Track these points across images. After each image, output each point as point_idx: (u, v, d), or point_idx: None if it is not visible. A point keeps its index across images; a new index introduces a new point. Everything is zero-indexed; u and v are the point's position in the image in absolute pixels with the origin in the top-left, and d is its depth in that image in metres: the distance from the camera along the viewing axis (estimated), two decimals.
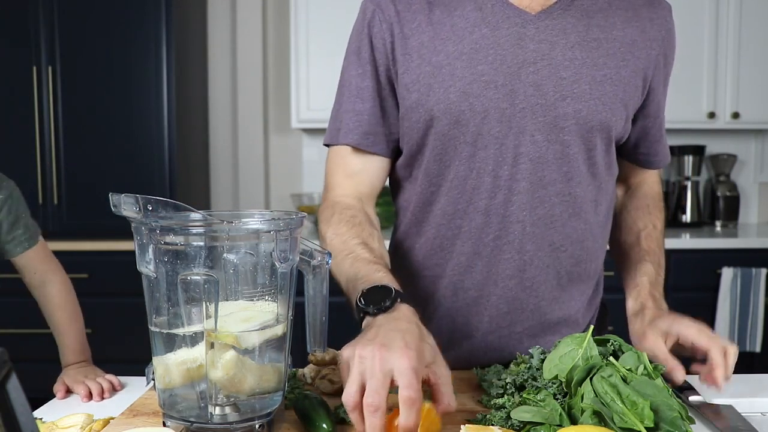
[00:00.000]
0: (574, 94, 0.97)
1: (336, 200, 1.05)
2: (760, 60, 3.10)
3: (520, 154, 0.98)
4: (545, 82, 0.96)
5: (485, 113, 0.97)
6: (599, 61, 0.98)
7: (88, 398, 0.99)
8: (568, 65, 0.97)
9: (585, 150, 1.01)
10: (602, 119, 0.99)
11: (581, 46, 0.98)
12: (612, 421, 0.68)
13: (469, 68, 0.97)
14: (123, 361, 1.83)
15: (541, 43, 0.97)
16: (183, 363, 0.73)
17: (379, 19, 1.01)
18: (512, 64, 0.96)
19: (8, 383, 0.42)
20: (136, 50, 2.89)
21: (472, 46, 0.97)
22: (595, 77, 0.98)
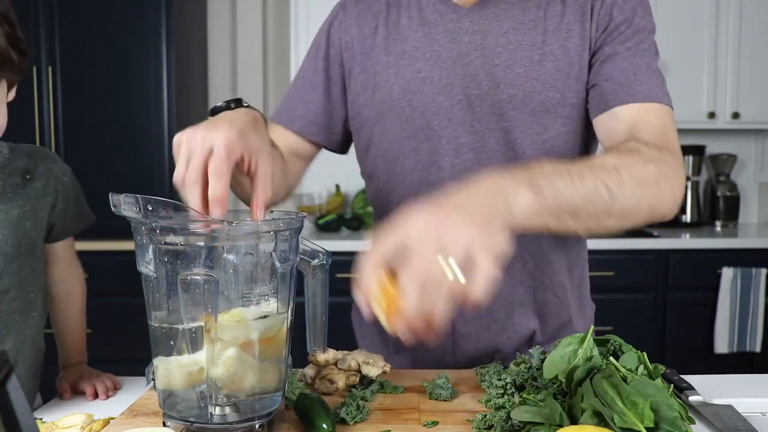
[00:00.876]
0: (507, 79, 0.97)
1: None
2: (760, 60, 3.10)
3: (462, 145, 1.00)
4: (478, 72, 0.98)
5: (423, 108, 1.01)
6: (537, 39, 0.97)
7: (94, 397, 0.99)
8: (500, 51, 0.98)
9: (533, 134, 0.99)
10: (544, 99, 0.97)
11: (516, 29, 0.98)
12: (612, 421, 0.68)
13: (409, 66, 1.01)
14: (123, 361, 1.83)
15: (474, 34, 0.99)
16: (184, 366, 0.73)
17: (341, 19, 1.08)
18: (447, 59, 0.99)
19: (8, 383, 0.43)
20: (136, 50, 2.89)
21: (413, 45, 1.01)
22: (532, 57, 0.97)
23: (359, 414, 0.82)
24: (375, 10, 1.06)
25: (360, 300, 0.65)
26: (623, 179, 0.77)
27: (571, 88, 0.98)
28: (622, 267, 2.85)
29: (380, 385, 0.94)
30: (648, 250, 2.87)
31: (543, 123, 0.99)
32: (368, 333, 1.22)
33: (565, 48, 0.97)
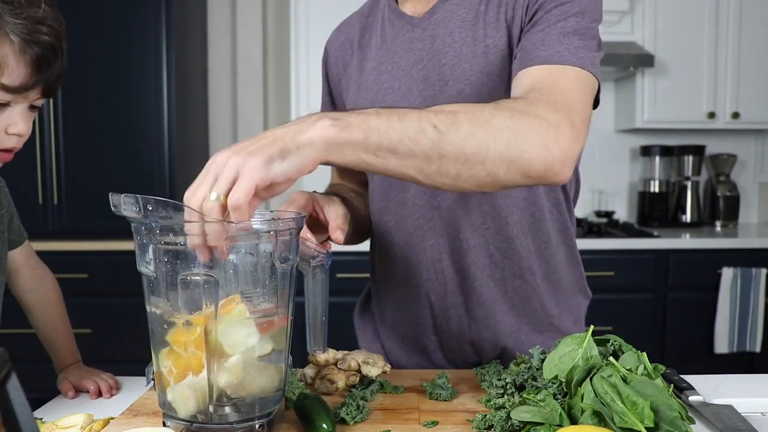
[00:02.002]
0: (454, 76, 0.99)
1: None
2: (760, 60, 3.10)
3: None
4: (431, 74, 1.01)
5: None
6: (479, 33, 0.98)
7: (97, 395, 0.99)
8: (447, 51, 1.00)
9: None
10: (490, 90, 0.97)
11: (460, 28, 0.99)
12: (612, 421, 0.68)
13: (375, 81, 1.07)
14: (123, 361, 1.83)
15: (425, 40, 1.02)
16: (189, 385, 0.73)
17: (329, 54, 1.16)
18: (405, 67, 1.04)
19: (8, 383, 0.43)
20: (136, 50, 2.89)
21: (378, 61, 1.07)
22: (476, 52, 0.98)
23: (359, 414, 0.82)
24: (351, 38, 1.13)
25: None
26: (458, 121, 0.74)
27: (512, 77, 0.96)
28: (622, 267, 2.85)
29: (380, 385, 0.94)
30: (648, 250, 2.87)
31: None
32: (369, 331, 1.21)
33: (506, 38, 0.96)
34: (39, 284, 1.08)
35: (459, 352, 1.11)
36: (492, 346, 1.09)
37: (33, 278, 1.08)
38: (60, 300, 1.11)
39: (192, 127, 3.21)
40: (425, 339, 1.12)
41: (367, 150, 0.71)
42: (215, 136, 3.46)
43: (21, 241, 1.07)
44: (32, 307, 1.08)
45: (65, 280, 2.95)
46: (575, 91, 0.85)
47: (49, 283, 1.10)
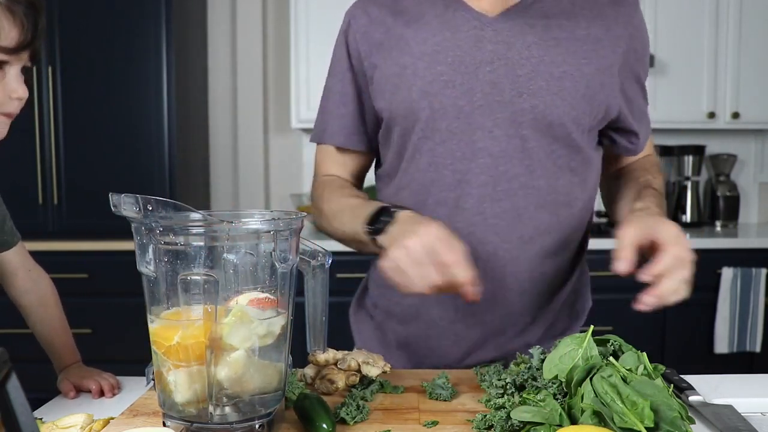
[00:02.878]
0: (530, 90, 1.00)
1: (324, 179, 1.17)
2: (760, 60, 3.10)
3: (479, 149, 1.02)
4: (502, 80, 1.00)
5: (443, 111, 1.02)
6: (558, 58, 1.00)
7: (99, 395, 0.99)
8: (524, 63, 1.00)
9: (547, 144, 1.02)
10: (560, 114, 1.01)
11: (539, 45, 1.01)
12: (612, 421, 0.68)
13: (429, 69, 1.02)
14: (123, 361, 1.83)
15: (498, 44, 1.01)
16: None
17: (354, 28, 1.10)
18: (470, 64, 1.01)
19: (8, 383, 0.43)
20: (136, 50, 2.89)
21: (433, 48, 1.02)
22: (553, 74, 1.00)
23: (359, 414, 0.82)
24: (384, 13, 1.07)
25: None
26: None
27: (582, 107, 1.02)
28: None
29: (380, 385, 0.94)
30: None
31: (555, 135, 1.02)
32: (367, 329, 1.21)
33: (582, 72, 1.01)
34: (35, 285, 1.08)
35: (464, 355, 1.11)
36: (493, 350, 1.10)
37: (29, 280, 1.07)
38: (57, 300, 1.10)
39: (192, 127, 3.21)
40: (434, 333, 1.12)
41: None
42: (215, 136, 3.46)
43: (14, 242, 1.06)
44: (30, 309, 1.07)
45: (65, 280, 2.95)
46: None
47: (45, 284, 1.09)
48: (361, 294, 1.25)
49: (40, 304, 1.08)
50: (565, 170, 1.05)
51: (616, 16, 1.05)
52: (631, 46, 1.05)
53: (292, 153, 3.48)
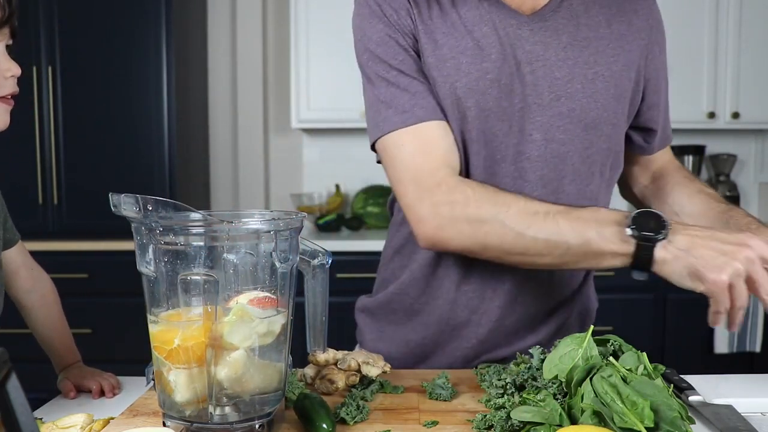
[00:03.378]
0: (567, 93, 0.99)
1: (452, 176, 0.95)
2: (760, 60, 3.10)
3: (520, 153, 1.00)
4: (541, 82, 0.98)
5: (489, 111, 0.98)
6: (590, 59, 1.00)
7: (100, 394, 0.99)
8: (561, 65, 0.99)
9: (581, 148, 1.02)
10: (595, 116, 1.00)
11: (573, 46, 0.99)
12: (612, 421, 0.68)
13: (474, 64, 0.96)
14: (123, 361, 1.83)
15: (535, 44, 0.98)
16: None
17: (394, 7, 0.98)
18: (512, 64, 0.97)
19: (8, 383, 0.43)
20: (136, 50, 2.89)
21: (475, 43, 0.97)
22: (587, 75, 0.99)
23: (359, 414, 0.82)
24: (418, 1, 0.98)
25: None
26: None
27: (613, 108, 1.02)
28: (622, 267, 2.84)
29: (380, 385, 0.94)
30: None
31: (590, 138, 1.01)
32: (375, 329, 1.20)
33: (611, 71, 1.01)
34: (37, 284, 1.08)
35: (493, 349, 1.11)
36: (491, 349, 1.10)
37: (31, 278, 1.07)
38: (58, 300, 1.10)
39: (192, 127, 3.21)
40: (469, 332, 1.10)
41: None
42: (215, 136, 3.46)
43: (15, 240, 1.06)
44: (32, 308, 1.07)
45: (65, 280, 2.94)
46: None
47: (46, 283, 1.09)
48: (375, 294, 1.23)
49: (41, 304, 1.08)
50: (596, 175, 1.04)
51: (636, 9, 1.04)
52: (653, 38, 1.05)
53: (292, 153, 3.48)
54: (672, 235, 0.83)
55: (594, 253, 0.88)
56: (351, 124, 3.06)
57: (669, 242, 0.83)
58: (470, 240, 0.92)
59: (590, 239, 0.87)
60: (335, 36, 3.00)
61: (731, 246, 0.80)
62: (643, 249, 0.83)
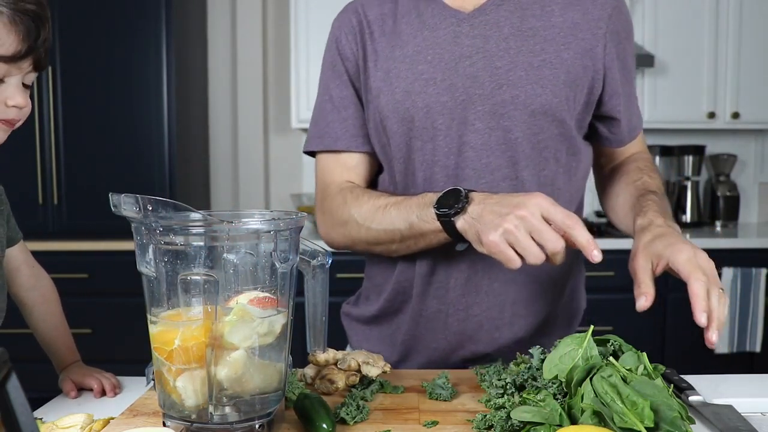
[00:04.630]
0: (510, 81, 1.01)
1: (340, 188, 1.11)
2: (760, 60, 3.10)
3: (464, 144, 1.04)
4: (481, 73, 1.02)
5: (428, 108, 1.04)
6: (536, 47, 1.02)
7: (101, 394, 0.99)
8: (502, 55, 1.02)
9: (531, 134, 1.03)
10: (543, 102, 1.02)
11: (516, 36, 1.02)
12: (612, 421, 0.68)
13: (410, 69, 1.04)
14: (123, 361, 1.83)
15: (475, 38, 1.03)
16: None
17: (345, 32, 1.11)
18: (449, 61, 1.03)
19: (8, 383, 0.43)
20: (136, 50, 2.89)
21: (414, 49, 1.05)
22: (532, 63, 1.01)
23: (359, 414, 0.82)
24: (370, 20, 1.09)
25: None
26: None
27: (565, 94, 1.03)
28: (622, 267, 2.83)
29: (380, 385, 0.94)
30: None
31: (540, 124, 1.03)
32: (360, 331, 1.21)
33: (561, 58, 1.02)
34: (38, 282, 1.08)
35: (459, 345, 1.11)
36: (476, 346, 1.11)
37: (32, 276, 1.08)
38: (58, 299, 1.10)
39: (192, 127, 3.21)
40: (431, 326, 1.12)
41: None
42: (215, 135, 3.46)
43: (18, 239, 1.06)
44: (33, 307, 1.07)
45: (65, 280, 2.94)
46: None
47: (47, 282, 1.10)
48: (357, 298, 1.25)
49: (42, 302, 1.08)
50: (550, 160, 1.05)
51: None
52: (612, 27, 1.05)
53: (292, 153, 3.48)
54: (470, 207, 0.91)
55: (420, 234, 0.99)
56: None
57: (466, 213, 0.91)
58: (345, 239, 1.10)
59: (413, 223, 0.98)
60: None
61: (508, 208, 0.86)
62: (446, 224, 0.93)
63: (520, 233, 0.84)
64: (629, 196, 1.08)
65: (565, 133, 1.05)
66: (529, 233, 0.84)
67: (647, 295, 0.84)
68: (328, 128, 1.12)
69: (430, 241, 0.99)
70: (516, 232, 0.84)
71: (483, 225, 0.87)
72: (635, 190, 1.07)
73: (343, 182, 1.12)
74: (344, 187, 1.11)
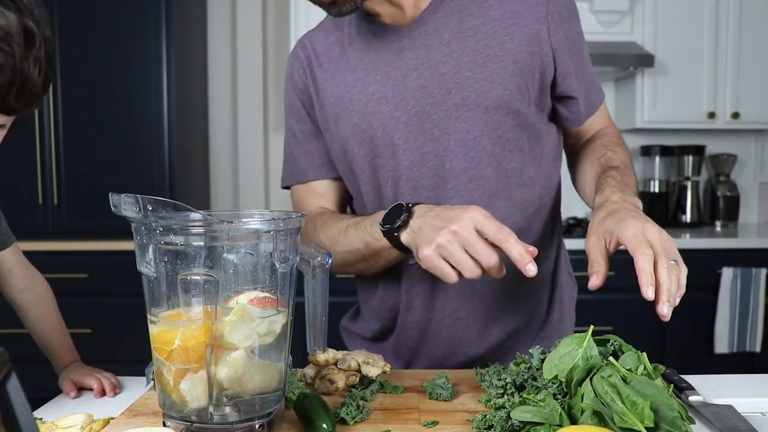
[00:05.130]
0: (457, 84, 1.02)
1: (312, 215, 1.14)
2: (760, 60, 3.10)
3: (426, 153, 1.04)
4: (428, 82, 1.03)
5: (384, 126, 1.05)
6: (479, 45, 1.02)
7: (102, 393, 0.99)
8: (446, 60, 1.02)
9: (489, 130, 1.03)
10: (495, 97, 1.02)
11: (457, 39, 1.02)
12: (612, 421, 0.68)
13: (362, 91, 1.06)
14: (123, 361, 1.83)
15: (418, 50, 1.04)
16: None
17: (296, 68, 1.14)
18: (396, 77, 1.04)
19: (8, 383, 0.43)
20: (136, 50, 2.89)
21: (363, 72, 1.06)
22: (477, 61, 1.01)
23: (359, 414, 0.82)
24: (318, 50, 1.12)
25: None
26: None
27: (516, 83, 1.02)
28: (622, 267, 2.83)
29: (380, 385, 0.94)
30: None
31: (496, 119, 1.03)
32: (362, 345, 1.21)
33: (506, 49, 1.02)
34: (32, 284, 1.07)
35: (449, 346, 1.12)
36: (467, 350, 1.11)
37: (26, 278, 1.07)
38: (53, 299, 1.10)
39: (192, 127, 3.21)
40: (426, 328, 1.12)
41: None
42: (215, 135, 3.46)
43: (9, 243, 1.06)
44: (28, 308, 1.07)
45: (65, 280, 2.95)
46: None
47: (41, 283, 1.09)
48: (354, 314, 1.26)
49: (37, 303, 1.07)
50: (514, 152, 1.05)
51: None
52: (552, 8, 1.04)
53: None
54: (412, 220, 0.92)
55: (376, 252, 1.00)
56: None
57: (408, 227, 0.92)
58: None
59: (368, 242, 1.00)
60: None
61: (444, 222, 0.86)
62: (392, 239, 0.94)
63: (453, 248, 0.84)
64: (593, 174, 1.06)
65: (523, 122, 1.05)
66: (462, 247, 0.84)
67: (599, 273, 0.84)
68: (296, 163, 1.17)
69: (387, 257, 1.01)
70: (449, 247, 0.84)
71: (420, 239, 0.88)
72: (599, 167, 1.06)
73: (316, 209, 1.15)
74: (315, 214, 1.13)
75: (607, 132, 1.15)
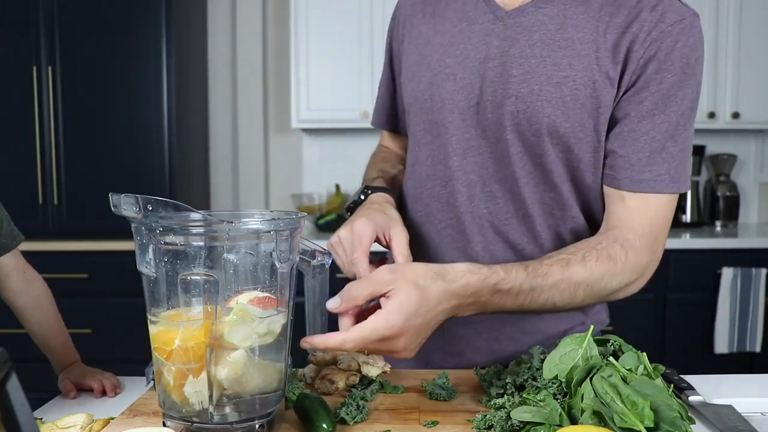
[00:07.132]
0: (519, 93, 0.93)
1: (377, 149, 1.27)
2: (760, 60, 3.10)
3: (471, 147, 1.00)
4: (497, 79, 0.96)
5: (442, 104, 1.01)
6: (563, 61, 0.91)
7: (101, 394, 0.99)
8: (522, 63, 0.94)
9: (530, 153, 0.96)
10: (549, 123, 0.92)
11: (544, 44, 0.93)
12: (612, 421, 0.68)
13: (439, 61, 1.01)
14: (123, 361, 1.83)
15: (504, 40, 0.96)
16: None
17: (397, 17, 1.14)
18: (475, 60, 0.98)
19: (8, 383, 0.43)
20: (136, 50, 2.89)
21: (449, 40, 1.01)
22: (551, 78, 0.92)
23: (359, 414, 0.82)
24: (421, 4, 1.09)
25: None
26: (577, 294, 0.89)
27: (580, 120, 0.92)
28: None
29: (380, 385, 0.94)
30: None
31: (542, 145, 0.95)
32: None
33: (591, 80, 0.91)
34: (30, 286, 1.07)
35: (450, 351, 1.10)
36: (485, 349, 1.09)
37: (23, 281, 1.07)
38: (52, 300, 1.10)
39: (192, 126, 3.21)
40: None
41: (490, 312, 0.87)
42: (215, 135, 3.46)
43: (13, 246, 1.06)
44: (25, 309, 1.07)
45: (65, 280, 2.94)
46: (665, 219, 0.96)
47: (39, 285, 1.09)
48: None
49: (35, 305, 1.08)
50: (556, 186, 0.97)
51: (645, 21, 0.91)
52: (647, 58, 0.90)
53: (292, 153, 3.48)
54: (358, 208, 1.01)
55: None
56: (351, 124, 3.06)
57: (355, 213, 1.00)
58: None
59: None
60: (335, 36, 3.00)
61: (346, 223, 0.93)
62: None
63: (337, 248, 0.92)
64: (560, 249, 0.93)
65: (570, 159, 0.95)
66: (341, 251, 0.92)
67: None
68: (376, 104, 1.25)
69: None
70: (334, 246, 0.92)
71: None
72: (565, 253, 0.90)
73: (380, 146, 1.28)
74: (377, 150, 1.26)
75: (627, 238, 0.92)
